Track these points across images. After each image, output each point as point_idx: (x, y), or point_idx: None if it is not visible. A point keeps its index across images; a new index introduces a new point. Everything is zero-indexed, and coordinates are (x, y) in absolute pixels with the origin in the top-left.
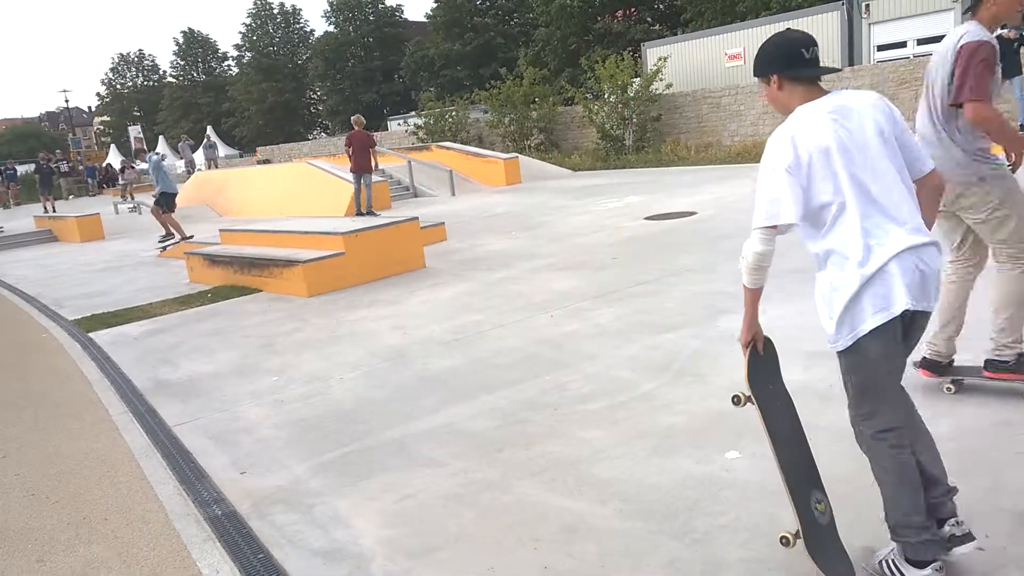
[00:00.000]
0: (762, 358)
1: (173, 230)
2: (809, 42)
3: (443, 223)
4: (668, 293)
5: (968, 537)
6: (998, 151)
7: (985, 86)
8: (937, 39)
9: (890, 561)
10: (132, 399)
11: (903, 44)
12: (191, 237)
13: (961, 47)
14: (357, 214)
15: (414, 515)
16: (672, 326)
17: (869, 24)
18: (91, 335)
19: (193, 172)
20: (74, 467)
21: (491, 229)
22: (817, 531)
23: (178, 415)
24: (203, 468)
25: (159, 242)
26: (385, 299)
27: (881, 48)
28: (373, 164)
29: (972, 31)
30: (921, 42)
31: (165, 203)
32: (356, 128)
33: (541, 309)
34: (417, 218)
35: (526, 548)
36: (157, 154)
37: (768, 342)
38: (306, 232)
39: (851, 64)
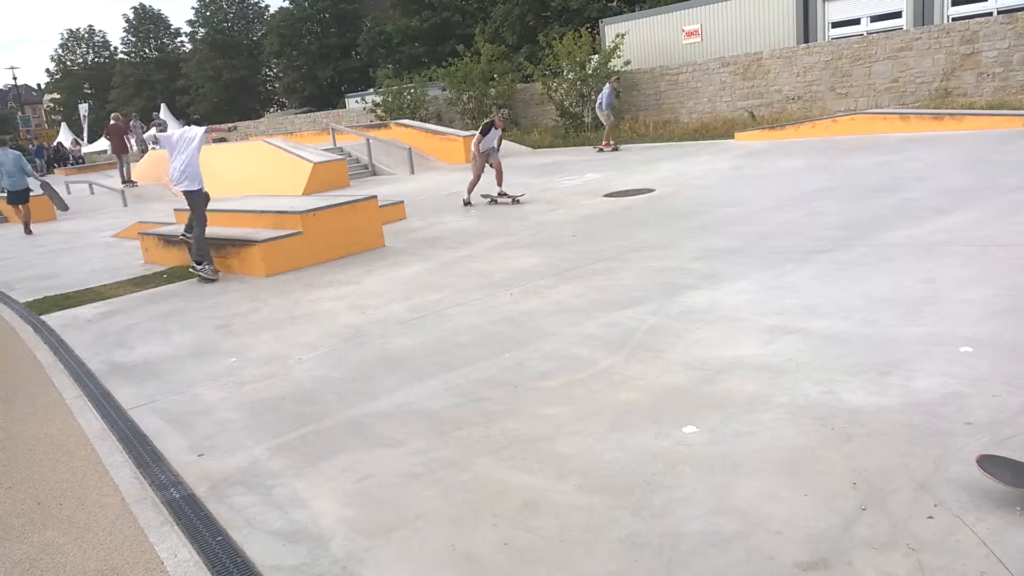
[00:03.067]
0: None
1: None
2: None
3: (402, 201)
4: (626, 270)
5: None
6: None
7: None
8: (889, 16)
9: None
10: (86, 382)
11: (857, 21)
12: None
13: None
14: (123, 182)
15: (373, 495)
16: (630, 302)
17: (823, 1)
18: (43, 318)
19: (145, 152)
20: (27, 452)
21: (451, 207)
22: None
23: (134, 398)
24: (160, 451)
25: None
26: (344, 278)
27: (836, 25)
28: (130, 146)
29: None
30: (874, 19)
31: (16, 199)
32: (114, 122)
33: (500, 287)
34: (376, 196)
35: (486, 524)
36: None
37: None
38: (263, 211)
39: (806, 41)
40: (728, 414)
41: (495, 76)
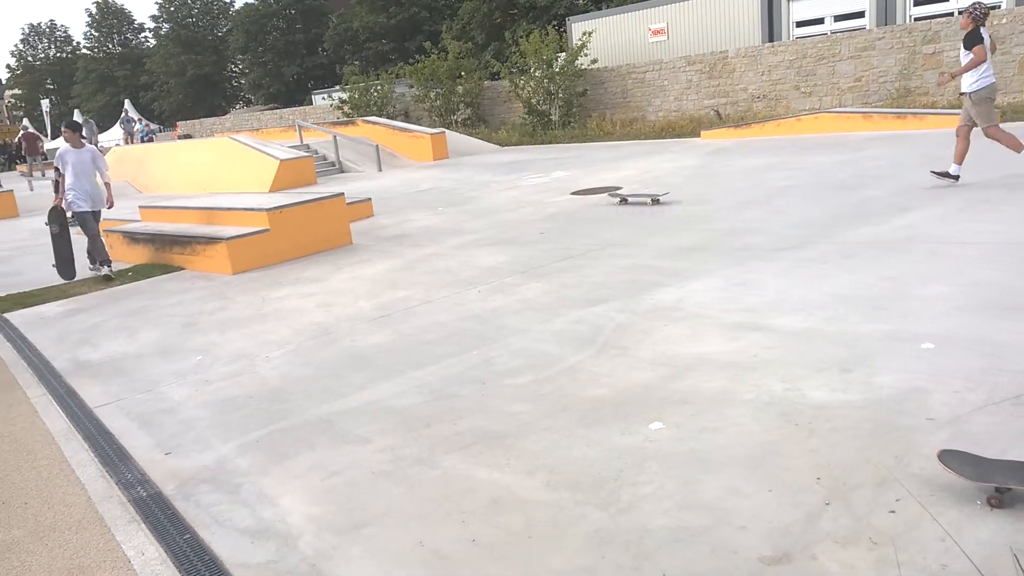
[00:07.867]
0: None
1: None
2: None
3: (369, 199)
4: (593, 267)
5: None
6: None
7: None
8: (853, 16)
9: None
10: (51, 381)
11: (821, 21)
12: None
13: None
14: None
15: (341, 492)
16: (597, 300)
17: (788, 1)
18: (6, 316)
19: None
20: None
21: (418, 205)
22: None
23: (99, 396)
24: (126, 449)
25: None
26: (311, 276)
27: (800, 24)
28: (41, 149)
29: None
30: (838, 18)
31: None
32: (26, 132)
33: (468, 285)
34: (343, 194)
35: (454, 521)
36: None
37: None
38: (229, 208)
39: (771, 40)
40: (694, 410)
41: (462, 74)
